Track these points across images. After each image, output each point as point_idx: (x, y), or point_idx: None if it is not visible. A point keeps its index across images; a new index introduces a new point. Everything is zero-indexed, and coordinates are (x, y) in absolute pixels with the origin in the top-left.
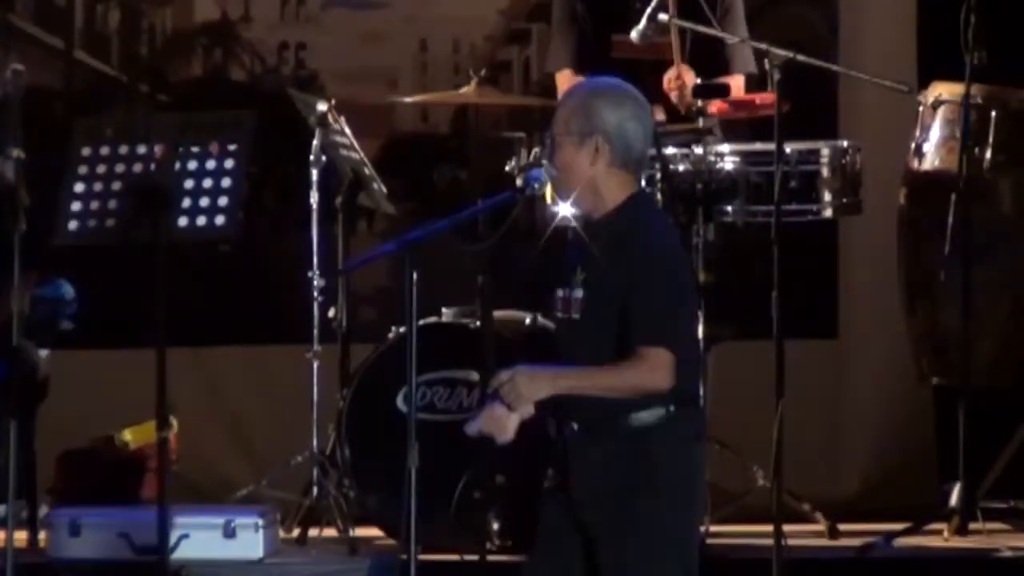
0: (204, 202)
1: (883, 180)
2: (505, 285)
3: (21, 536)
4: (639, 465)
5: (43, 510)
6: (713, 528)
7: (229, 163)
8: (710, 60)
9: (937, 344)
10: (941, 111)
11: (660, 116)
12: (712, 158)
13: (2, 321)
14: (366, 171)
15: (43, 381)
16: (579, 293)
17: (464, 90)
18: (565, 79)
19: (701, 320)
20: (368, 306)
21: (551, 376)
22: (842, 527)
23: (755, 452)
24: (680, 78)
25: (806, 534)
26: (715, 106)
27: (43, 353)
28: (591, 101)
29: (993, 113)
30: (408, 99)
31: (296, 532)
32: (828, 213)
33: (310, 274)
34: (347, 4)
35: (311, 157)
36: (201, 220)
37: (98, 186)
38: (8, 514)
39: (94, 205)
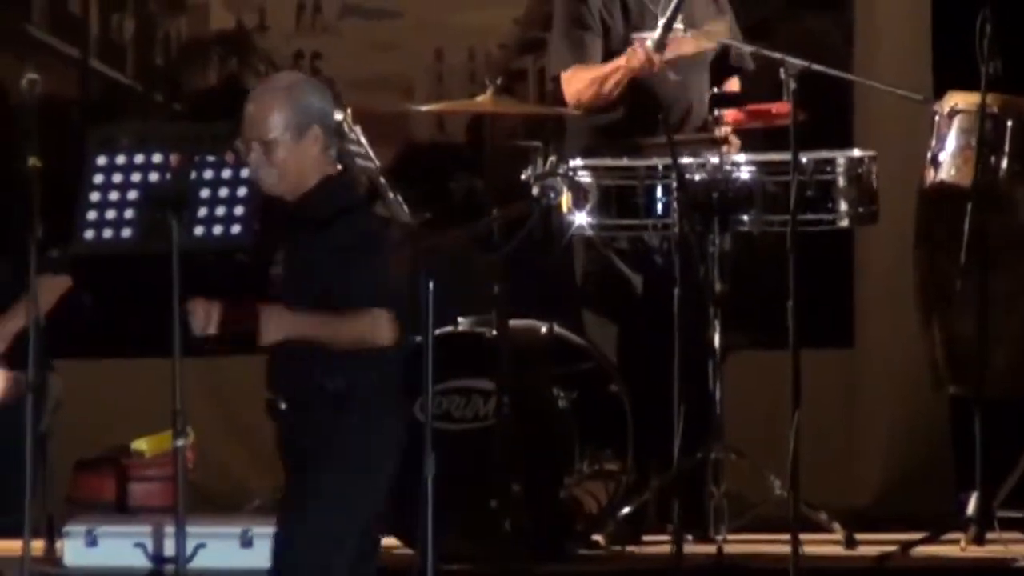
0: (220, 211)
1: (898, 189)
2: (521, 294)
3: (38, 545)
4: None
5: (60, 520)
6: (730, 537)
7: (245, 172)
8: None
9: (953, 353)
10: (957, 120)
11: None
12: (728, 167)
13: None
14: (382, 180)
15: (58, 390)
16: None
17: (480, 99)
18: (570, 79)
19: (717, 329)
20: None
21: (292, 319)
22: (859, 536)
23: (771, 461)
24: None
25: (823, 543)
26: (730, 115)
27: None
28: (294, 94)
29: (1009, 123)
30: (424, 108)
31: None
32: (844, 223)
33: None
34: (362, 13)
35: None
36: (217, 229)
37: (114, 195)
38: (26, 523)
39: (109, 214)
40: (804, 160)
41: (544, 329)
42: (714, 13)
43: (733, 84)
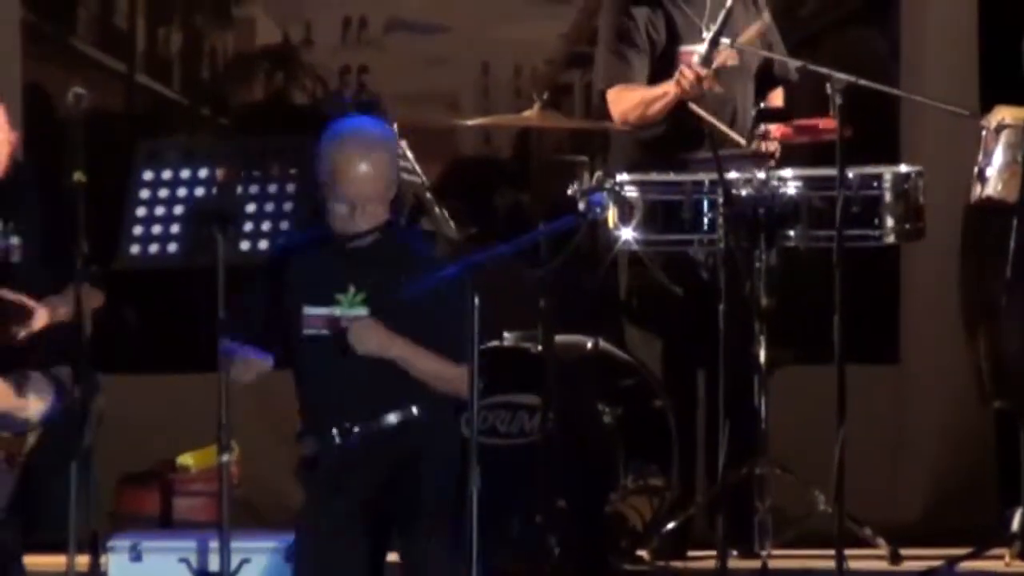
0: (266, 226)
1: (945, 205)
2: (567, 309)
3: (82, 560)
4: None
5: (104, 534)
6: (775, 552)
7: (291, 187)
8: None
9: (998, 368)
10: (1004, 135)
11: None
12: (774, 183)
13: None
14: (428, 195)
15: (101, 405)
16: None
17: (526, 114)
18: (616, 99)
19: (762, 344)
20: None
21: (394, 337)
22: (904, 552)
23: (816, 477)
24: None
25: (868, 559)
26: (778, 130)
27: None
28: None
29: None
30: (470, 122)
31: None
32: (891, 239)
33: None
34: (409, 28)
35: None
36: (263, 244)
37: (160, 210)
38: (71, 538)
39: (156, 229)
40: (850, 175)
41: (589, 344)
42: (752, 16)
43: (777, 97)
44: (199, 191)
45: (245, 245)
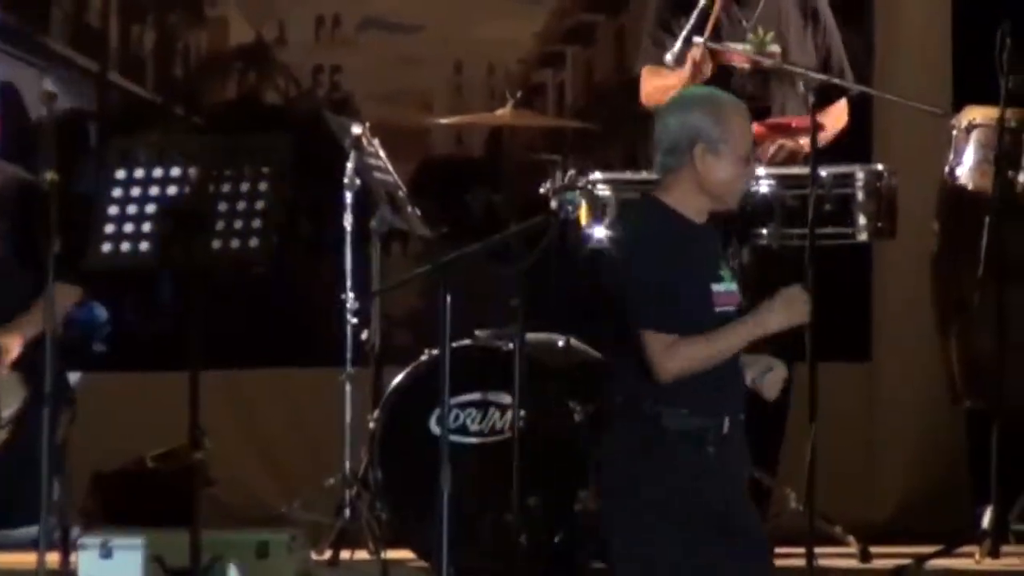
0: (238, 224)
1: (917, 203)
2: (539, 308)
3: (53, 558)
4: None
5: (75, 532)
6: None
7: (263, 186)
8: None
9: (970, 367)
10: (975, 134)
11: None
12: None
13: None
14: (400, 194)
15: (74, 402)
16: (733, 287)
17: (499, 112)
18: (645, 79)
19: None
20: (402, 329)
21: None
22: (874, 550)
23: (788, 475)
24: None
25: (838, 556)
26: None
27: (75, 375)
28: None
29: None
30: (443, 121)
31: (328, 554)
32: (863, 237)
33: (344, 297)
34: (382, 27)
35: (345, 180)
36: (235, 243)
37: (132, 209)
38: (40, 535)
39: (128, 228)
40: (823, 174)
41: (561, 343)
42: (807, 29)
43: (838, 108)
44: (171, 190)
45: (217, 244)
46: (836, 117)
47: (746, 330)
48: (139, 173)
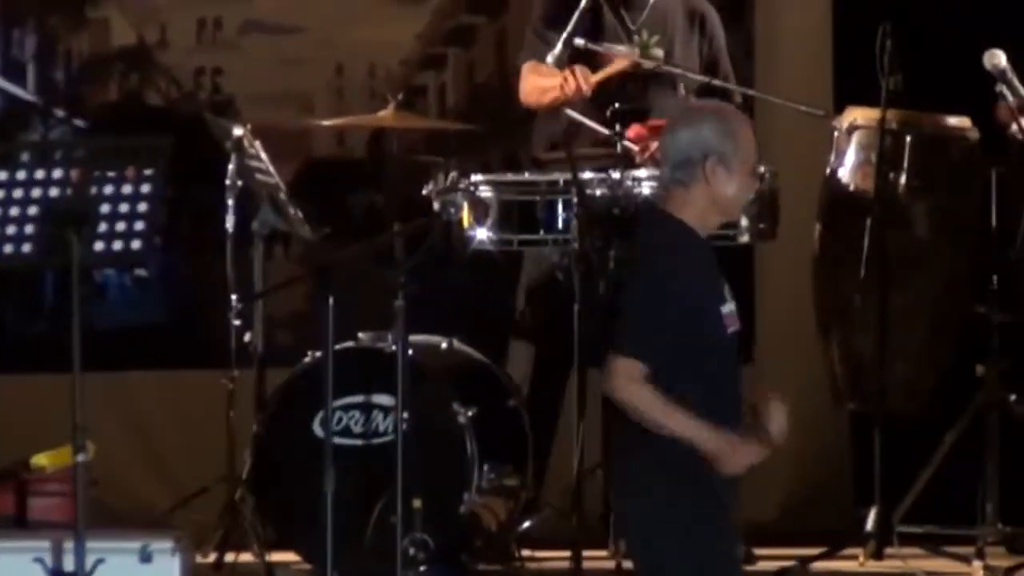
0: (120, 226)
1: (799, 205)
2: (421, 310)
3: None
4: None
5: None
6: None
7: (145, 188)
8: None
9: (853, 369)
10: (856, 136)
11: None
12: (629, 182)
13: None
14: (282, 195)
15: None
16: (734, 306)
17: (381, 114)
18: (524, 76)
19: None
20: (284, 330)
21: None
22: (758, 551)
23: None
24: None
25: None
26: (633, 131)
27: None
28: None
29: (908, 138)
30: (325, 123)
31: (212, 557)
32: (745, 239)
33: (228, 298)
34: (264, 29)
35: (227, 182)
36: (117, 245)
37: (14, 210)
38: None
39: (10, 230)
40: None
41: (444, 345)
42: (694, 35)
43: None
44: (53, 192)
45: (99, 246)
46: None
47: (700, 435)
48: (21, 175)
